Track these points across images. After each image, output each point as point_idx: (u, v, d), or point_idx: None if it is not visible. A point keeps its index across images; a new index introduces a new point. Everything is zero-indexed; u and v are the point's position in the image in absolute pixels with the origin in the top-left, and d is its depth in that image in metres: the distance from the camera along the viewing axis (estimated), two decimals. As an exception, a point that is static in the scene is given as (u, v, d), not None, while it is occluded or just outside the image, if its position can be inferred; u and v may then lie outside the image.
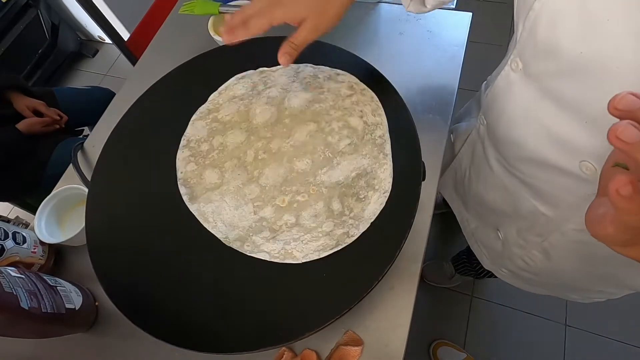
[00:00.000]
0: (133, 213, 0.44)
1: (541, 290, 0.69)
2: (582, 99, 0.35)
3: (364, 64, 0.49)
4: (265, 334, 0.36)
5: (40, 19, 1.74)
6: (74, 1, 1.09)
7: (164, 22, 0.82)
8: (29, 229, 0.58)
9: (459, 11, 0.70)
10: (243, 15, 0.41)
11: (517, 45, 0.41)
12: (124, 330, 0.51)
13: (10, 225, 0.53)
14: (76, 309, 0.48)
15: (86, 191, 0.56)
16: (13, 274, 0.43)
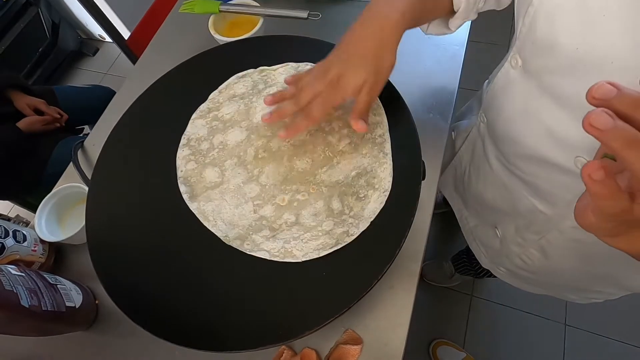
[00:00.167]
0: (133, 211, 0.44)
1: (539, 290, 0.69)
2: (579, 95, 0.35)
3: (365, 63, 0.49)
4: (265, 333, 0.36)
5: (41, 17, 1.75)
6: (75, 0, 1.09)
7: (164, 21, 0.82)
8: (29, 227, 0.58)
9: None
10: (298, 104, 0.40)
11: (517, 42, 0.42)
12: (124, 328, 0.51)
13: (10, 223, 0.53)
14: (76, 307, 0.49)
15: (86, 189, 0.56)
16: (13, 272, 0.43)
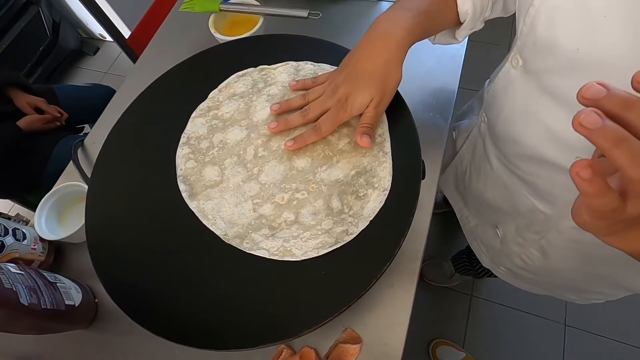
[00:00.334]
0: (132, 210, 0.44)
1: (539, 290, 0.69)
2: None
3: (365, 62, 0.49)
4: (264, 331, 0.36)
5: (42, 16, 1.75)
6: (75, -1, 1.09)
7: (164, 20, 0.82)
8: (29, 225, 0.58)
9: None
10: (306, 118, 0.43)
11: (518, 42, 0.42)
12: (124, 327, 0.51)
13: (10, 221, 0.53)
14: (76, 305, 0.49)
15: (86, 188, 0.56)
16: (13, 270, 0.43)
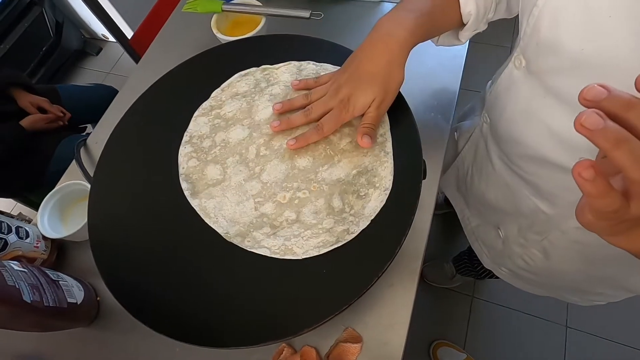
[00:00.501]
0: (134, 208, 0.44)
1: (541, 291, 0.69)
2: None
3: (366, 62, 0.49)
4: (265, 329, 0.36)
5: (45, 16, 1.75)
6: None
7: (167, 20, 0.82)
8: (32, 224, 0.58)
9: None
10: (309, 118, 0.43)
11: (521, 43, 0.42)
12: (125, 324, 0.52)
13: (13, 220, 0.53)
14: (78, 303, 0.49)
15: (89, 187, 0.57)
16: (16, 268, 0.43)
